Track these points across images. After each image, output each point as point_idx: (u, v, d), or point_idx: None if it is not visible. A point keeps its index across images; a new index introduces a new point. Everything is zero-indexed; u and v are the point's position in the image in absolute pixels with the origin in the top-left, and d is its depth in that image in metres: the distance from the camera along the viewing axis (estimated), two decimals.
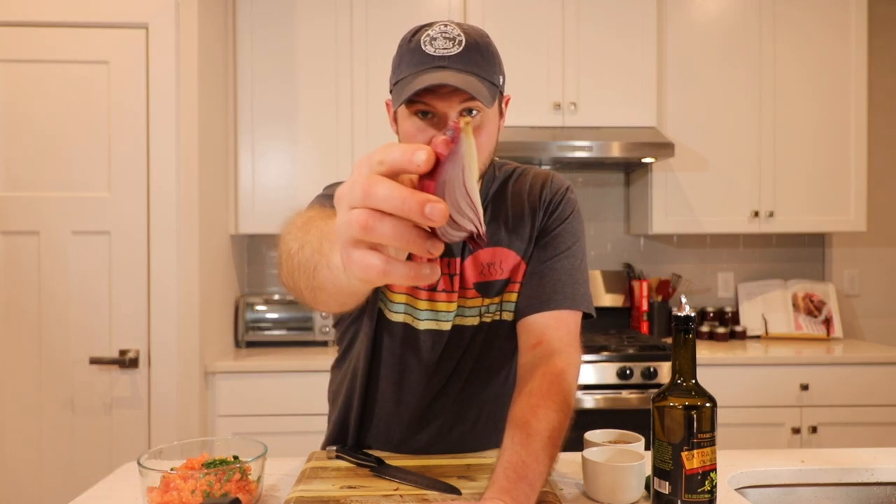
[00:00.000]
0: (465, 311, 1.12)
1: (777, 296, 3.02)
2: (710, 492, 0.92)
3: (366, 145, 2.67)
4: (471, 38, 0.96)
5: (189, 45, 2.29)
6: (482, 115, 0.99)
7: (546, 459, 0.89)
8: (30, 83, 2.25)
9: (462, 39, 0.95)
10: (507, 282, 1.12)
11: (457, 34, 0.95)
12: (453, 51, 0.94)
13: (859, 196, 2.81)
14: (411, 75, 0.95)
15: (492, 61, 0.98)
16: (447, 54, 0.93)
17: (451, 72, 0.92)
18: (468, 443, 1.19)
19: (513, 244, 1.12)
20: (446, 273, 1.11)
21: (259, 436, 1.17)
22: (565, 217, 1.13)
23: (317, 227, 0.71)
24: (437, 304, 1.12)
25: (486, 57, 0.96)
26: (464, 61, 0.94)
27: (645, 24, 2.73)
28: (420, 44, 0.95)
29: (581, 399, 2.43)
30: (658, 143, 2.59)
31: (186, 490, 0.92)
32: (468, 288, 1.11)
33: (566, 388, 0.98)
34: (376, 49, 2.67)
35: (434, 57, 0.94)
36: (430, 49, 0.94)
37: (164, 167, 2.27)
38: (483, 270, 1.11)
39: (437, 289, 1.10)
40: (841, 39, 2.82)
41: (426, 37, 0.95)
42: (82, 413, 2.25)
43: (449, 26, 0.96)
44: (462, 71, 0.93)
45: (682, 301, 1.02)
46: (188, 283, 2.30)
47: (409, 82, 0.94)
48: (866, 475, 1.15)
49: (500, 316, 1.13)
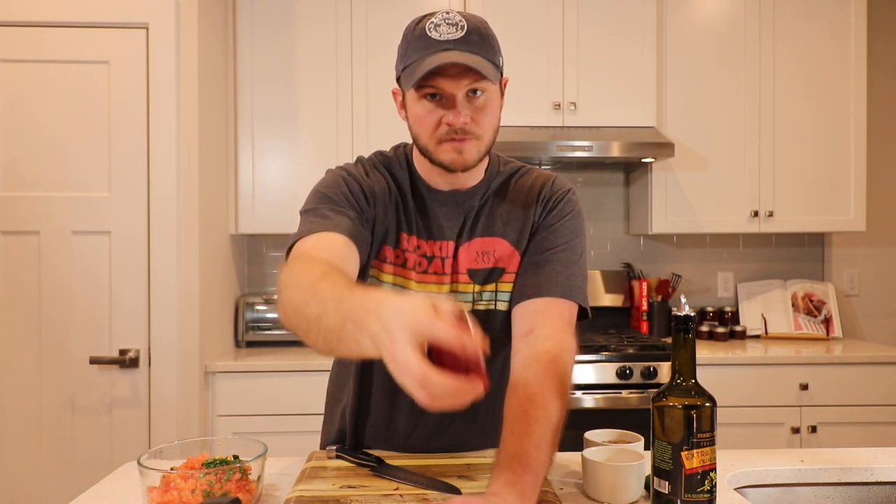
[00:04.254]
0: (457, 296, 1.12)
1: (777, 295, 3.03)
2: (709, 491, 0.92)
3: (366, 145, 2.68)
4: (472, 23, 1.02)
5: (189, 45, 2.29)
6: (486, 94, 1.03)
7: (548, 448, 0.89)
8: (30, 83, 2.25)
9: (464, 24, 1.00)
10: (501, 271, 1.12)
11: (458, 20, 1.01)
12: (457, 35, 0.99)
13: (859, 196, 2.82)
14: (419, 59, 1.00)
15: (492, 44, 1.04)
16: (451, 38, 0.99)
17: (458, 52, 0.98)
18: (469, 438, 1.19)
19: (507, 235, 1.14)
20: (438, 256, 1.12)
21: (259, 435, 1.17)
22: (565, 214, 1.15)
23: (332, 302, 0.76)
24: (428, 287, 1.12)
25: (486, 40, 1.02)
26: (467, 43, 0.99)
27: (645, 24, 2.74)
28: (425, 30, 1.01)
29: (581, 399, 2.43)
30: (658, 143, 2.59)
31: (186, 490, 0.92)
32: (460, 273, 1.12)
33: (562, 374, 0.97)
34: (376, 49, 2.67)
35: (439, 41, 0.99)
36: (436, 34, 0.99)
37: (164, 167, 2.27)
38: (476, 258, 1.12)
39: (427, 271, 1.11)
40: (840, 39, 2.82)
41: (430, 24, 1.01)
42: (82, 413, 2.26)
43: (451, 13, 1.02)
44: (467, 51, 0.99)
45: (682, 301, 1.02)
46: (188, 283, 2.30)
47: (417, 65, 0.99)
48: (866, 475, 1.15)
49: (494, 305, 1.13)
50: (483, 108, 1.03)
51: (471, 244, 1.12)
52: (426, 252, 1.12)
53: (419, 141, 1.07)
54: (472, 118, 1.02)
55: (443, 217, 1.13)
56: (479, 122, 1.03)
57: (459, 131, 1.02)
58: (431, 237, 1.12)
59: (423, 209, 1.14)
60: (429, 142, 1.05)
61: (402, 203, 1.13)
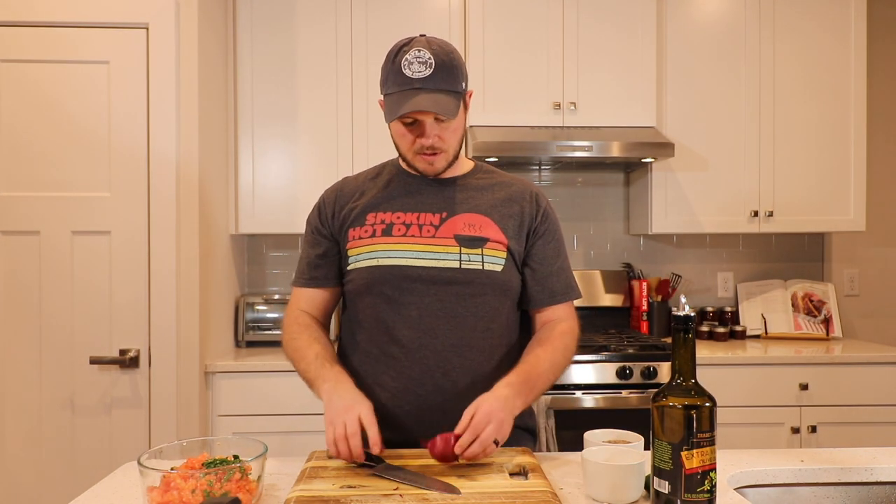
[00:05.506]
0: (442, 255, 1.29)
1: (777, 295, 3.03)
2: (709, 491, 0.93)
3: (366, 145, 2.68)
4: (439, 59, 1.24)
5: (189, 45, 2.30)
6: (449, 119, 1.26)
7: (549, 371, 1.26)
8: (30, 83, 2.25)
9: (432, 62, 1.23)
10: (486, 240, 1.31)
11: (428, 58, 1.23)
12: (425, 73, 1.23)
13: (859, 196, 2.82)
14: (396, 94, 1.24)
15: (456, 74, 1.26)
16: (421, 76, 1.23)
17: (425, 93, 1.23)
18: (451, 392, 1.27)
19: (492, 216, 1.33)
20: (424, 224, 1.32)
21: (259, 435, 1.17)
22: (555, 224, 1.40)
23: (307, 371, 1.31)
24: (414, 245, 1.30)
25: (451, 72, 1.25)
26: (434, 81, 1.23)
27: (645, 23, 2.74)
28: (401, 66, 1.24)
29: (581, 399, 2.43)
30: (658, 143, 2.59)
31: (187, 489, 0.92)
32: (447, 237, 1.30)
33: (568, 338, 1.33)
34: (376, 49, 2.67)
35: (412, 80, 1.23)
36: (409, 72, 1.23)
37: (164, 167, 2.27)
38: (463, 227, 1.32)
39: (407, 234, 1.31)
40: (841, 39, 2.82)
41: (405, 61, 1.24)
42: (82, 413, 2.26)
43: (422, 51, 1.24)
44: (433, 90, 1.23)
45: (682, 301, 1.02)
46: (188, 283, 2.30)
47: (395, 102, 1.24)
48: (865, 474, 1.16)
49: (482, 266, 1.30)
50: (447, 128, 1.29)
51: (458, 217, 1.32)
52: (407, 221, 1.32)
53: (399, 150, 1.34)
54: (439, 137, 1.28)
55: (428, 195, 1.35)
56: (444, 140, 1.29)
57: (429, 148, 1.28)
58: (417, 209, 1.33)
59: (409, 189, 1.36)
60: (407, 153, 1.32)
61: (386, 186, 1.37)
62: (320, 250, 1.38)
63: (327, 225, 1.38)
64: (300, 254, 1.44)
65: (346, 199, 1.38)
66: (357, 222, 1.34)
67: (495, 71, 2.69)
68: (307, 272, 1.40)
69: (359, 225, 1.34)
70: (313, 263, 1.39)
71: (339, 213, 1.37)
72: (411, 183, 1.36)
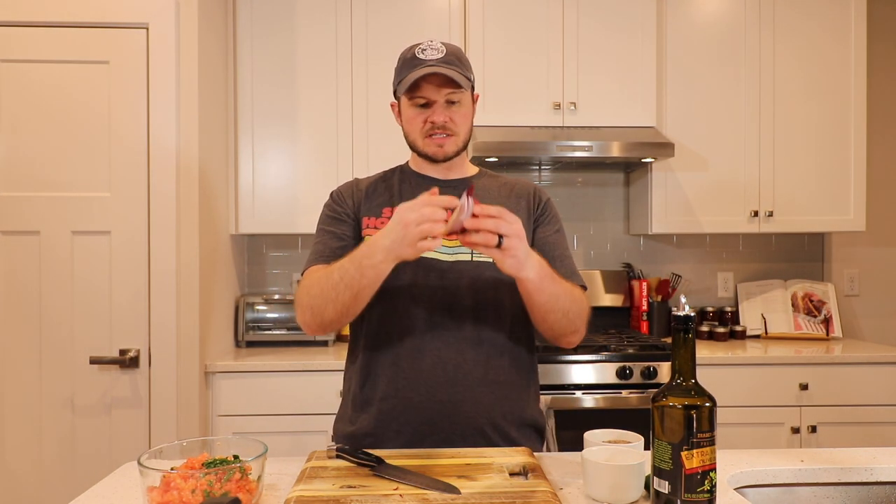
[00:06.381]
0: (455, 247, 1.32)
1: (777, 295, 3.03)
2: (709, 491, 0.92)
3: (366, 145, 2.68)
4: (450, 49, 1.34)
5: (189, 45, 2.30)
6: (461, 102, 1.33)
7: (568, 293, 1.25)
8: (30, 83, 2.25)
9: (444, 49, 1.32)
10: None
11: (440, 46, 1.33)
12: (439, 56, 1.31)
13: (859, 196, 2.82)
14: (410, 73, 1.30)
15: (466, 64, 1.35)
16: (434, 58, 1.31)
17: (439, 67, 1.29)
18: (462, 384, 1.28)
19: None
20: None
21: (259, 435, 1.17)
22: (556, 217, 1.43)
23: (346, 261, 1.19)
24: None
25: (461, 60, 1.34)
26: (447, 62, 1.31)
27: (645, 23, 2.74)
28: (415, 53, 1.32)
29: (581, 399, 2.43)
30: (658, 143, 2.59)
31: (186, 490, 0.92)
32: None
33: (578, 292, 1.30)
34: (376, 49, 2.67)
35: (425, 60, 1.30)
36: (422, 56, 1.31)
37: (164, 167, 2.27)
38: None
39: None
40: (841, 39, 2.82)
41: (419, 49, 1.33)
42: (82, 413, 2.26)
43: (434, 41, 1.34)
44: (446, 67, 1.30)
45: (682, 301, 1.02)
46: (188, 283, 2.30)
47: (409, 77, 1.30)
48: (865, 475, 1.16)
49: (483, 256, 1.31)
50: (458, 111, 1.34)
51: None
52: None
53: (409, 137, 1.38)
54: (450, 118, 1.32)
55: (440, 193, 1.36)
56: (455, 121, 1.33)
57: (440, 128, 1.32)
58: None
59: (420, 189, 1.33)
60: (417, 137, 1.35)
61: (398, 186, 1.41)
62: (343, 228, 1.37)
63: (346, 206, 1.39)
64: (314, 246, 1.38)
65: (361, 193, 1.41)
66: (373, 213, 1.38)
67: (495, 71, 2.69)
68: (328, 249, 1.35)
69: (374, 216, 1.37)
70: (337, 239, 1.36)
71: (356, 201, 1.39)
72: (421, 183, 1.39)
